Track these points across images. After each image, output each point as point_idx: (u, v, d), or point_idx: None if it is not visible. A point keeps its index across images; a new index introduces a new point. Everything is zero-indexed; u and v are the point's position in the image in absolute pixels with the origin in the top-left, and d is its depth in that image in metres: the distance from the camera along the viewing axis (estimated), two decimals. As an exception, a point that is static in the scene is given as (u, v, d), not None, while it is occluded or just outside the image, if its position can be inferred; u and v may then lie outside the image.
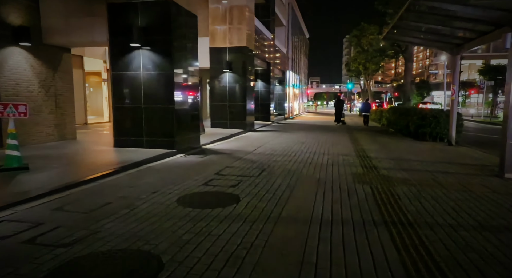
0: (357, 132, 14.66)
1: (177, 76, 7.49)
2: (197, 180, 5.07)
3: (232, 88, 13.57)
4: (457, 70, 9.79)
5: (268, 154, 7.88)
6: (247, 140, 10.70)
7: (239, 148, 8.77)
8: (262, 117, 19.80)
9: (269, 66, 19.59)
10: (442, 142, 10.83)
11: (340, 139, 11.47)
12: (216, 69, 13.51)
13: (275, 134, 12.85)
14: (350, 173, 5.80)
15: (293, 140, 10.82)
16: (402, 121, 13.27)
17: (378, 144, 10.12)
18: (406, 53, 15.33)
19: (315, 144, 9.96)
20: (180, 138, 7.64)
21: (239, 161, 6.85)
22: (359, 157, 7.59)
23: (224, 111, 13.69)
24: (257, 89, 19.83)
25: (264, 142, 10.14)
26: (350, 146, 9.55)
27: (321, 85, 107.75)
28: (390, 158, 7.50)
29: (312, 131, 14.35)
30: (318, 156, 7.63)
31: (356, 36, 30.85)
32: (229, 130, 12.87)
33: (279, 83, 25.45)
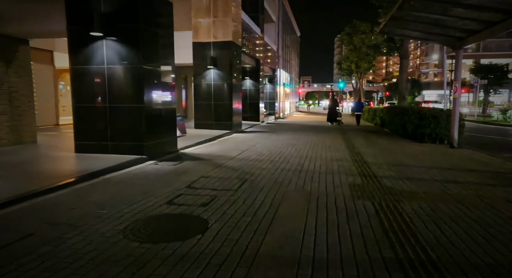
0: (350, 132, 13.84)
1: (147, 71, 6.50)
2: (160, 197, 4.11)
3: (218, 86, 12.60)
4: (459, 66, 9.01)
5: (253, 159, 6.95)
6: (232, 143, 9.76)
7: (222, 153, 7.82)
8: (251, 117, 18.87)
9: (258, 63, 18.66)
10: (442, 144, 10.06)
11: (333, 141, 10.61)
12: (200, 66, 12.52)
13: (264, 136, 11.93)
14: (347, 184, 4.90)
15: (282, 143, 9.92)
16: (399, 121, 12.50)
17: (374, 147, 9.28)
18: (401, 49, 14.59)
19: (306, 146, 9.07)
20: (152, 142, 6.65)
21: (218, 169, 5.90)
22: (356, 163, 6.72)
23: (209, 111, 12.71)
24: (246, 88, 18.89)
25: (250, 145, 9.21)
26: (345, 149, 8.68)
27: (312, 85, 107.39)
28: (390, 164, 6.64)
29: (303, 132, 13.47)
30: (310, 162, 6.73)
31: (348, 33, 30.15)
32: (214, 132, 11.90)
33: (269, 82, 24.57)
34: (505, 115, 24.03)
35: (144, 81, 6.38)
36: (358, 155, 7.72)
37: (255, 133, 13.17)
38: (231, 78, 12.63)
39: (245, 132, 13.32)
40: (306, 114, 35.41)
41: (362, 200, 4.13)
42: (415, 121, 10.71)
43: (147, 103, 6.49)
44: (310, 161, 6.86)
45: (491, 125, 22.01)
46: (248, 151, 8.05)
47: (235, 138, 11.04)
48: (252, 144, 9.52)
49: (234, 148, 8.56)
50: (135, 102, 6.38)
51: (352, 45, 30.17)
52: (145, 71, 6.43)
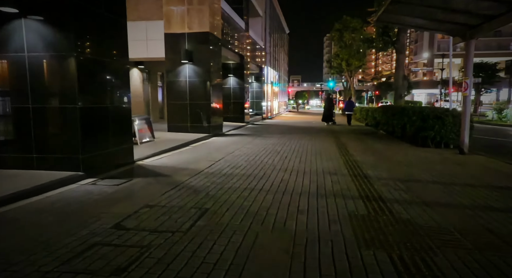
0: (342, 135, 12.52)
1: (85, 61, 4.98)
2: (60, 251, 2.62)
3: (194, 83, 11.09)
4: (470, 59, 7.74)
5: (225, 174, 5.49)
6: (207, 150, 8.28)
7: (189, 164, 6.34)
8: (235, 118, 17.41)
9: (242, 60, 17.21)
10: (449, 149, 8.81)
11: (324, 145, 9.24)
12: (173, 60, 10.99)
13: (246, 140, 10.48)
14: (347, 216, 3.50)
15: (266, 148, 8.49)
16: (397, 122, 11.22)
17: (372, 153, 7.94)
18: (397, 43, 13.35)
19: (293, 154, 7.67)
20: (93, 154, 5.13)
21: (174, 190, 4.43)
22: (354, 178, 5.34)
23: (183, 111, 11.19)
24: (229, 86, 17.43)
25: (227, 153, 7.76)
26: (339, 157, 7.31)
27: (302, 84, 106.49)
28: (397, 178, 5.28)
29: (291, 135, 12.09)
30: (297, 177, 5.31)
31: (339, 30, 28.96)
32: (189, 135, 10.39)
33: (256, 80, 23.15)
34: (500, 115, 23.19)
35: (80, 75, 4.86)
36: (355, 166, 6.34)
37: (237, 136, 11.71)
38: (210, 74, 11.14)
39: (226, 136, 11.85)
40: (295, 114, 34.13)
41: (372, 249, 2.72)
42: (416, 122, 9.42)
43: (85, 102, 4.96)
44: (297, 175, 5.44)
45: (487, 125, 21.07)
46: (222, 162, 6.59)
47: (212, 144, 9.56)
48: (230, 151, 8.06)
49: (206, 157, 7.08)
50: (67, 101, 4.86)
51: (342, 42, 28.98)
52: (82, 61, 4.91)
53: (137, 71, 13.26)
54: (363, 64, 32.60)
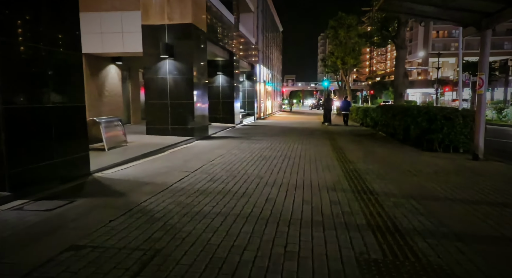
0: (339, 137, 11.51)
1: (10, 47, 3.87)
2: None
3: (176, 81, 9.98)
4: (486, 52, 6.77)
5: (197, 190, 4.42)
6: (185, 156, 7.19)
7: (157, 176, 5.25)
8: (224, 118, 16.33)
9: (232, 56, 16.12)
10: (458, 154, 7.87)
11: (320, 150, 8.21)
12: (152, 55, 9.86)
13: (233, 143, 9.41)
14: (355, 265, 2.45)
15: (253, 154, 7.43)
16: (398, 123, 10.25)
17: (374, 160, 6.92)
18: (397, 38, 12.40)
19: (284, 161, 6.62)
20: (27, 168, 4.03)
21: (122, 217, 3.35)
22: (358, 195, 4.30)
23: (164, 112, 10.08)
24: (218, 85, 16.33)
25: (208, 160, 6.68)
26: (337, 166, 6.28)
27: (296, 83, 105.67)
28: (411, 196, 4.26)
29: (283, 137, 11.04)
30: (287, 195, 4.26)
31: (333, 27, 28.01)
32: (169, 139, 9.30)
33: (247, 79, 22.08)
34: (500, 115, 22.46)
35: (5, 67, 3.75)
36: (356, 177, 5.32)
37: (224, 139, 10.63)
38: (193, 71, 10.04)
39: (212, 139, 10.76)
40: (289, 114, 33.13)
41: None
42: (422, 124, 8.44)
43: (13, 102, 3.86)
44: (286, 192, 4.39)
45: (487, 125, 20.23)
46: (198, 173, 5.52)
47: (193, 149, 8.47)
48: (212, 157, 6.98)
49: (181, 167, 6.00)
50: (-12, 100, 3.74)
51: (337, 40, 28.03)
52: (8, 49, 3.80)
53: (115, 67, 12.11)
54: (358, 62, 31.71)
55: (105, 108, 11.53)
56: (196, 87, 10.24)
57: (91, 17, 9.98)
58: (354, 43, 28.21)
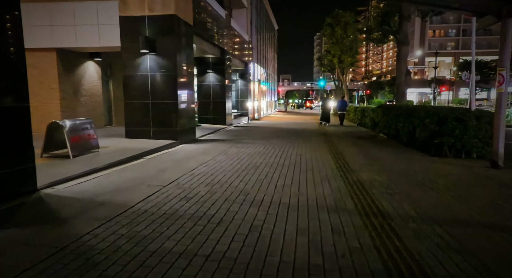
0: (337, 139, 10.62)
1: None
2: None
3: (158, 78, 9.02)
4: (507, 44, 5.90)
5: (162, 216, 3.49)
6: (162, 165, 6.24)
7: (120, 191, 4.31)
8: (216, 119, 15.38)
9: (223, 53, 15.19)
10: (471, 159, 7.02)
11: (317, 156, 7.30)
12: (131, 50, 8.90)
13: (221, 148, 8.48)
14: None
15: (242, 162, 6.51)
16: (402, 124, 9.38)
17: (379, 167, 6.02)
18: (399, 33, 11.54)
19: (276, 170, 5.70)
20: None
21: (39, 267, 2.41)
22: (366, 218, 3.40)
23: (145, 113, 9.12)
24: (209, 83, 15.38)
25: (188, 169, 5.75)
26: (337, 175, 5.38)
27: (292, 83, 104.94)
28: (433, 220, 3.37)
29: (277, 140, 10.13)
30: (276, 220, 3.35)
31: (330, 24, 27.15)
32: (150, 143, 8.35)
33: (240, 77, 21.17)
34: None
35: None
36: (362, 191, 4.41)
37: (212, 143, 9.69)
38: (178, 68, 9.09)
39: (199, 142, 9.81)
40: (284, 114, 32.24)
41: None
42: (431, 126, 7.57)
43: None
44: (276, 216, 3.47)
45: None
46: (172, 187, 4.58)
47: (174, 155, 7.52)
48: (193, 166, 6.04)
49: (153, 179, 5.05)
50: None
51: (334, 38, 27.18)
52: None
53: (94, 64, 11.11)
54: (355, 61, 30.92)
55: (82, 108, 10.53)
56: (180, 85, 9.29)
57: (63, 8, 9.00)
58: (351, 41, 27.40)
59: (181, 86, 9.33)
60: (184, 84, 9.56)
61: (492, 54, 58.46)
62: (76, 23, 9.15)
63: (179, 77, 9.19)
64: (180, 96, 9.25)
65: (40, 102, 9.52)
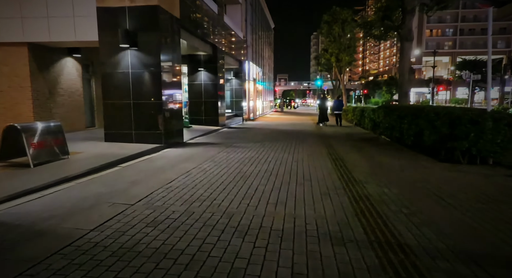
0: (337, 142, 9.84)
1: None
2: None
3: (140, 76, 8.19)
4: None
5: (115, 252, 2.68)
6: (137, 175, 5.41)
7: (74, 214, 3.49)
8: (208, 120, 14.54)
9: (216, 50, 14.36)
10: (487, 166, 6.30)
11: (316, 163, 6.50)
12: (110, 45, 8.05)
13: (209, 153, 7.67)
14: None
15: (230, 170, 5.70)
16: (407, 126, 8.62)
17: (387, 177, 5.23)
18: (402, 28, 10.77)
19: (269, 181, 4.90)
20: None
21: None
22: (381, 252, 2.60)
23: (126, 114, 8.28)
24: (200, 82, 14.55)
25: (165, 180, 4.93)
26: (339, 188, 4.58)
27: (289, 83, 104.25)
28: (469, 257, 2.58)
29: (272, 143, 9.32)
30: (265, 258, 2.54)
31: (327, 22, 26.40)
32: (130, 148, 7.52)
33: (235, 76, 20.35)
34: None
35: None
36: (372, 211, 3.62)
37: (200, 147, 8.86)
38: (162, 64, 8.27)
39: (186, 146, 8.98)
40: (281, 115, 31.46)
41: None
42: (442, 129, 6.81)
43: None
44: (266, 250, 2.67)
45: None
46: (140, 206, 3.76)
47: (156, 161, 6.69)
48: (173, 176, 5.23)
49: (120, 195, 4.22)
50: None
51: (331, 36, 26.42)
52: None
53: (73, 61, 10.24)
54: (353, 60, 30.20)
55: (59, 109, 9.67)
56: (166, 83, 8.47)
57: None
58: (349, 39, 26.67)
59: (166, 84, 8.51)
60: (170, 82, 8.74)
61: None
62: (50, 15, 8.29)
63: (164, 75, 8.36)
64: (165, 95, 8.43)
65: (10, 102, 8.65)
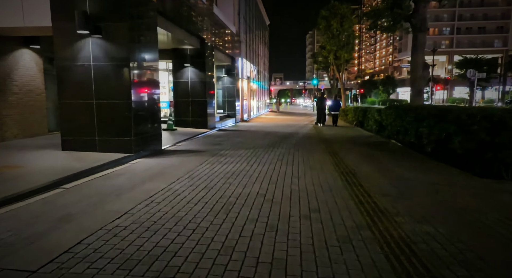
0: (342, 148, 8.41)
1: None
2: None
3: (105, 70, 6.67)
4: None
5: None
6: (77, 204, 3.90)
7: None
8: (195, 122, 13.05)
9: (204, 44, 12.86)
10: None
11: (321, 179, 5.04)
12: (67, 31, 6.53)
13: (189, 165, 6.18)
14: None
15: (209, 196, 4.23)
16: (428, 130, 7.22)
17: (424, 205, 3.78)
18: (415, 17, 9.38)
19: (260, 217, 3.43)
20: None
21: None
22: None
23: (88, 117, 6.76)
24: (187, 80, 13.04)
25: (115, 214, 3.45)
26: (364, 227, 3.14)
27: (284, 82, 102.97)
28: None
29: (267, 150, 7.87)
30: None
31: (325, 17, 25.02)
32: (90, 159, 6.01)
33: (227, 74, 18.84)
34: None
35: None
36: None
37: (180, 156, 7.37)
38: (133, 56, 6.78)
39: (164, 155, 7.48)
40: (276, 115, 30.03)
41: None
42: (480, 135, 5.42)
43: None
44: None
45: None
46: (47, 274, 2.28)
47: (115, 179, 5.18)
48: (127, 206, 3.74)
49: (27, 248, 2.74)
50: None
51: (329, 32, 25.03)
52: None
53: (30, 53, 8.66)
54: (351, 58, 28.88)
55: (12, 110, 8.11)
56: (137, 79, 6.97)
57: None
58: (348, 36, 25.32)
59: (138, 81, 7.01)
60: (143, 78, 7.24)
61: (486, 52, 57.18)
62: (-9, -5, 6.74)
63: (135, 69, 6.87)
64: (137, 94, 6.93)
65: None
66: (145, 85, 7.35)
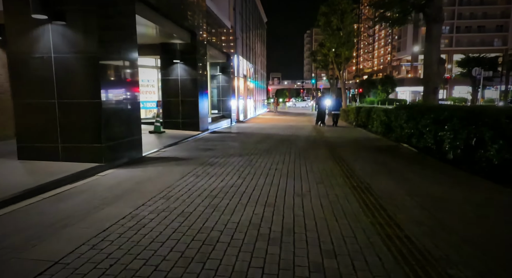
0: (348, 154, 7.34)
1: None
2: None
3: (69, 63, 5.56)
4: None
5: None
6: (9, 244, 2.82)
7: None
8: (185, 123, 11.95)
9: (194, 39, 11.76)
10: None
11: (330, 197, 3.96)
12: (22, 16, 5.41)
13: (169, 178, 5.09)
14: None
15: (183, 230, 3.14)
16: (452, 135, 6.17)
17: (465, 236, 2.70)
18: (429, 7, 8.34)
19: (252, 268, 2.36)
20: None
21: None
22: None
23: (49, 119, 5.65)
24: (176, 77, 11.94)
25: (44, 261, 2.36)
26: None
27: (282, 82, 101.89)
28: None
29: (263, 157, 6.78)
30: None
31: (325, 14, 23.97)
32: (49, 170, 4.91)
33: (222, 72, 17.76)
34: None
35: None
36: None
37: (161, 165, 6.26)
38: (102, 47, 5.68)
39: (142, 164, 6.38)
40: (274, 115, 28.95)
41: None
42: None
43: None
44: None
45: None
46: None
47: (69, 201, 4.07)
48: (58, 253, 2.65)
49: None
50: None
51: (329, 29, 23.97)
52: None
53: (-8, 46, 7.54)
54: (351, 56, 27.86)
55: (-33, 111, 6.97)
56: (109, 75, 5.87)
57: None
58: (349, 33, 24.29)
59: (110, 76, 5.91)
60: (116, 74, 6.14)
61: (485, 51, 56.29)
62: None
63: (106, 62, 5.76)
64: (108, 92, 5.83)
65: None
66: (120, 82, 6.25)
